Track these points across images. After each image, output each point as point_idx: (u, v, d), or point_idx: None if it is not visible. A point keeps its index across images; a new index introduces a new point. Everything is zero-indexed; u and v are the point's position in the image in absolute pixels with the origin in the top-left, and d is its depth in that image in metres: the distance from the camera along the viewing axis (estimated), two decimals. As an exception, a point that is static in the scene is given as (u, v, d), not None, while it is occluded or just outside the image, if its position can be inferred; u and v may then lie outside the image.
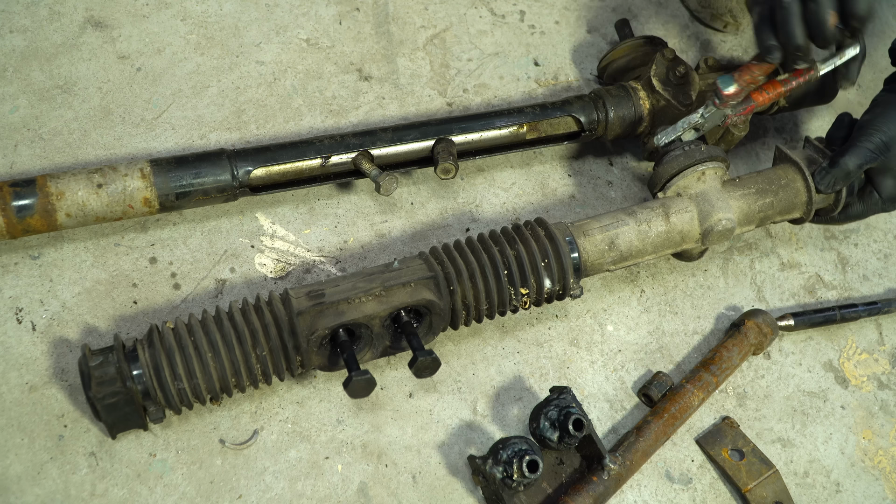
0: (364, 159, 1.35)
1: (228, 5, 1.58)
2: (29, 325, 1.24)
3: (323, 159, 1.34)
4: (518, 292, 1.24)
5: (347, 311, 1.14)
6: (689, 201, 1.32)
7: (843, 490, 1.35)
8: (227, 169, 1.30)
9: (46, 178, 1.22)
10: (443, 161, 1.37)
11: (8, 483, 1.13)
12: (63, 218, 1.22)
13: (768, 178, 1.37)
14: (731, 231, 1.32)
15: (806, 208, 1.38)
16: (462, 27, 1.66)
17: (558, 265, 1.25)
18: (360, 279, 1.18)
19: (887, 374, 1.47)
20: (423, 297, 1.17)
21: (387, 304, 1.15)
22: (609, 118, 1.47)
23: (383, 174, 1.32)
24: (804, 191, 1.37)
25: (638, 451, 1.26)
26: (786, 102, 1.54)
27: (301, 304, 1.14)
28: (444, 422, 1.28)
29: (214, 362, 1.12)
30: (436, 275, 1.19)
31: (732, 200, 1.33)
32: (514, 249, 1.24)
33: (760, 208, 1.35)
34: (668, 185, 1.33)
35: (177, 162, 1.28)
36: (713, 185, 1.33)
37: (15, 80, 1.42)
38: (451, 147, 1.39)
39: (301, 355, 1.16)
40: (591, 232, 1.28)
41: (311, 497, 1.19)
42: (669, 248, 1.32)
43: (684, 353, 1.41)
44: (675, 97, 1.45)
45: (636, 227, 1.29)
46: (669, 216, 1.31)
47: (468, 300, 1.23)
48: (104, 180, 1.24)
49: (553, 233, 1.26)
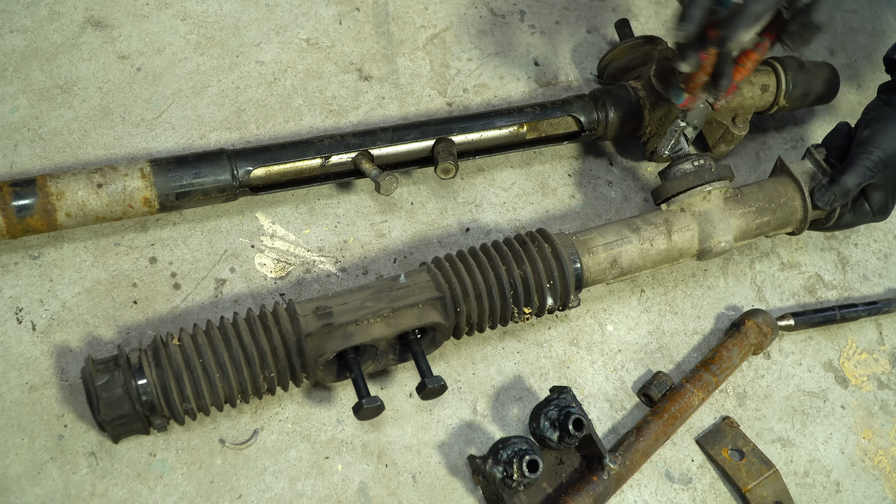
0: (364, 159, 1.35)
1: (228, 5, 1.58)
2: (29, 325, 1.24)
3: (323, 159, 1.34)
4: (521, 311, 1.25)
5: (356, 333, 1.14)
6: (693, 219, 1.33)
7: (843, 490, 1.35)
8: (227, 169, 1.29)
9: (46, 177, 1.22)
10: (443, 161, 1.37)
11: (8, 483, 1.13)
12: (63, 218, 1.22)
13: (769, 195, 1.38)
14: (727, 250, 1.35)
15: (800, 224, 1.41)
16: (462, 27, 1.66)
17: (562, 285, 1.25)
18: (367, 297, 1.18)
19: (887, 374, 1.47)
20: (431, 320, 1.17)
21: (394, 326, 1.16)
22: (609, 118, 1.47)
23: (383, 174, 1.32)
24: (801, 209, 1.40)
25: (638, 450, 1.26)
26: (786, 102, 1.54)
27: (309, 324, 1.13)
28: (444, 422, 1.28)
29: (222, 383, 1.12)
30: (443, 295, 1.19)
31: (733, 219, 1.35)
32: (521, 269, 1.24)
33: (758, 226, 1.38)
34: (674, 199, 1.34)
35: (177, 162, 1.28)
36: (716, 204, 1.34)
37: (15, 80, 1.42)
38: (451, 147, 1.39)
39: (307, 372, 1.16)
40: (595, 250, 1.28)
41: (311, 497, 1.19)
42: (666, 264, 1.34)
43: (684, 352, 1.41)
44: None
45: (639, 245, 1.30)
46: (672, 234, 1.32)
47: (472, 319, 1.24)
48: (104, 180, 1.24)
49: (560, 252, 1.25)
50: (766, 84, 1.53)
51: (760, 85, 1.53)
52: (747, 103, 1.52)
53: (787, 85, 1.53)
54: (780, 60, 1.55)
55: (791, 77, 1.53)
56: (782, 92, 1.53)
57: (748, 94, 1.52)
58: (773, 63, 1.54)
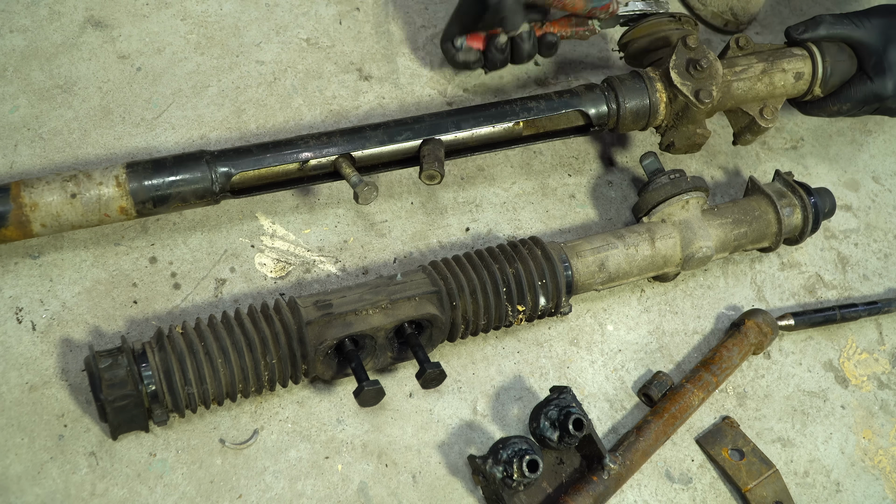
0: (345, 163, 1.29)
1: (228, 5, 1.58)
2: (29, 325, 1.24)
3: (301, 164, 1.28)
4: (515, 309, 1.27)
5: (355, 322, 1.16)
6: (673, 228, 1.37)
7: (843, 490, 1.35)
8: (206, 173, 1.24)
9: (20, 186, 1.18)
10: (428, 166, 1.30)
11: (8, 483, 1.13)
12: (38, 228, 1.20)
13: (743, 209, 1.42)
14: (709, 258, 1.37)
15: (775, 239, 1.43)
16: (462, 27, 1.65)
17: (553, 284, 1.28)
18: (365, 291, 1.20)
19: (887, 374, 1.47)
20: (428, 312, 1.19)
21: (392, 316, 1.18)
22: (621, 111, 1.40)
23: (362, 183, 1.26)
24: (775, 223, 1.42)
25: (638, 450, 1.26)
26: (822, 91, 1.48)
27: (310, 313, 1.16)
28: (444, 421, 1.28)
29: (224, 368, 1.13)
30: (439, 290, 1.22)
31: (711, 229, 1.38)
32: (513, 267, 1.27)
33: (735, 238, 1.40)
34: (654, 210, 1.38)
35: (154, 167, 1.23)
36: (695, 213, 1.38)
37: (15, 80, 1.42)
38: (437, 150, 1.32)
39: (307, 364, 1.17)
40: (584, 253, 1.32)
41: (311, 497, 1.19)
42: (652, 272, 1.37)
43: (684, 352, 1.41)
44: (694, 93, 1.37)
45: (624, 251, 1.34)
46: (655, 241, 1.35)
47: (468, 315, 1.25)
48: (78, 189, 1.19)
49: (549, 253, 1.29)
50: (801, 72, 1.45)
51: (794, 72, 1.45)
52: (778, 91, 1.45)
53: (825, 72, 1.45)
54: (819, 45, 1.46)
55: (829, 64, 1.45)
56: (818, 80, 1.46)
57: (779, 81, 1.45)
58: (812, 48, 1.46)
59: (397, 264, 1.39)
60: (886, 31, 1.45)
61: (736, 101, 1.45)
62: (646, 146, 1.58)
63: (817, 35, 1.46)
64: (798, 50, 1.48)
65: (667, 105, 1.42)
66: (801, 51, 1.47)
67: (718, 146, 1.62)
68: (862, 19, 1.46)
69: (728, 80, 1.42)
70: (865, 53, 1.46)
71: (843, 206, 1.62)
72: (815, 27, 1.46)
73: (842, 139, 1.71)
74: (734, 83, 1.43)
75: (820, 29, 1.46)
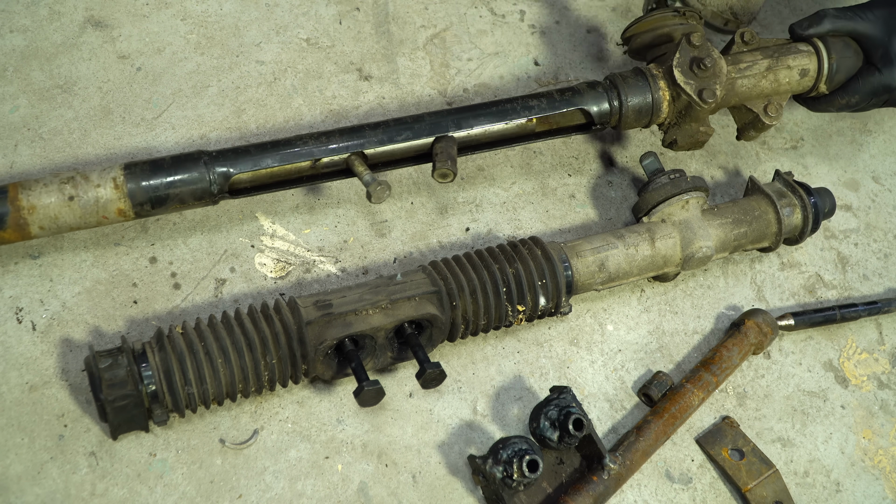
0: (357, 160, 1.29)
1: (228, 5, 1.58)
2: (29, 325, 1.24)
3: (313, 162, 1.28)
4: (515, 309, 1.27)
5: (355, 322, 1.16)
6: (673, 228, 1.37)
7: (843, 490, 1.35)
8: (204, 174, 1.24)
9: (18, 188, 1.18)
10: (441, 164, 1.29)
11: (8, 483, 1.13)
12: (36, 230, 1.20)
13: (743, 208, 1.42)
14: (709, 258, 1.37)
15: (775, 239, 1.43)
16: (462, 27, 1.66)
17: (553, 284, 1.28)
18: (365, 291, 1.20)
19: (887, 374, 1.47)
20: (428, 312, 1.19)
21: (392, 316, 1.18)
22: (624, 108, 1.38)
23: (375, 182, 1.25)
24: (775, 223, 1.42)
25: (638, 450, 1.26)
26: (827, 88, 1.46)
27: (310, 313, 1.16)
28: (444, 421, 1.28)
29: (225, 368, 1.13)
30: (439, 290, 1.22)
31: (711, 229, 1.38)
32: (513, 267, 1.27)
33: (735, 237, 1.40)
34: (654, 210, 1.38)
35: (151, 168, 1.22)
36: (695, 213, 1.38)
37: (15, 80, 1.42)
38: (450, 147, 1.32)
39: (307, 364, 1.17)
40: (584, 253, 1.32)
41: (311, 497, 1.19)
42: (652, 272, 1.37)
43: (684, 352, 1.41)
44: (698, 92, 1.36)
45: (624, 251, 1.34)
46: (655, 241, 1.35)
47: (468, 315, 1.25)
48: (75, 191, 1.19)
49: (549, 253, 1.29)
50: (806, 68, 1.44)
51: (799, 69, 1.43)
52: (783, 88, 1.44)
53: (830, 69, 1.44)
54: (825, 40, 1.45)
55: (835, 60, 1.44)
56: (823, 77, 1.45)
57: (784, 78, 1.43)
58: (817, 43, 1.45)
59: (397, 264, 1.39)
60: (890, 21, 1.44)
61: (740, 97, 1.44)
62: (646, 146, 1.58)
63: (822, 30, 1.45)
64: (804, 46, 1.46)
65: (670, 103, 1.41)
66: (807, 46, 1.46)
67: (718, 146, 1.62)
68: (865, 11, 1.46)
69: (732, 78, 1.41)
70: (871, 45, 1.45)
71: (843, 205, 1.62)
72: (819, 22, 1.46)
73: (842, 139, 1.71)
74: (738, 80, 1.42)
75: (824, 24, 1.45)
